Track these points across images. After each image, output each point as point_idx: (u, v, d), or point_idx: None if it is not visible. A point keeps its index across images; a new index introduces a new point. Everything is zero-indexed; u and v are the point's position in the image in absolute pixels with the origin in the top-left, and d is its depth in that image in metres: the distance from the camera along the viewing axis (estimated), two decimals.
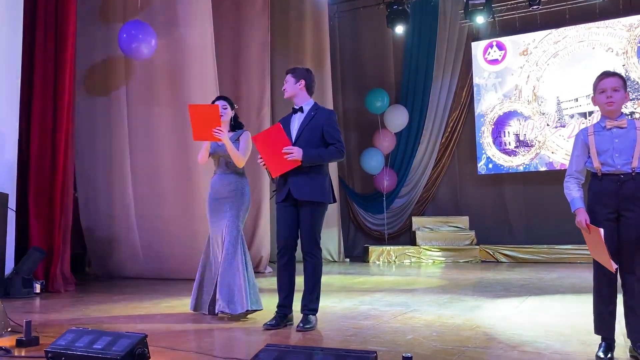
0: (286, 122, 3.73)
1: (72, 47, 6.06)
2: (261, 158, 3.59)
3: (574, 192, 2.77)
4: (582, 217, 2.66)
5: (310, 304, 3.61)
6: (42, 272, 5.75)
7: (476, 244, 9.25)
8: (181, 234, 6.66)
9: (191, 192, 6.59)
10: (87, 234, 7.28)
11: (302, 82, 3.73)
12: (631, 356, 2.69)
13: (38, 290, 5.49)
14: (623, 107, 2.81)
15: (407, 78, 10.38)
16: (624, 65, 8.91)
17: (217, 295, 3.95)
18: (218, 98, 4.33)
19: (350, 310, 4.36)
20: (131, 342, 2.37)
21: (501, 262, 8.90)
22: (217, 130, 3.92)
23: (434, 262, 9.12)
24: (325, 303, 4.47)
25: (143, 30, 6.24)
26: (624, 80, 2.76)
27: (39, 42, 6.07)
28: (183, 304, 4.65)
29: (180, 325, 3.76)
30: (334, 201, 3.73)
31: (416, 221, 9.81)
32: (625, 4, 9.05)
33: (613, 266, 2.53)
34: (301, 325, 3.54)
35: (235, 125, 4.30)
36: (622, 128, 2.69)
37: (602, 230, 2.49)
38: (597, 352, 2.70)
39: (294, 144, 3.56)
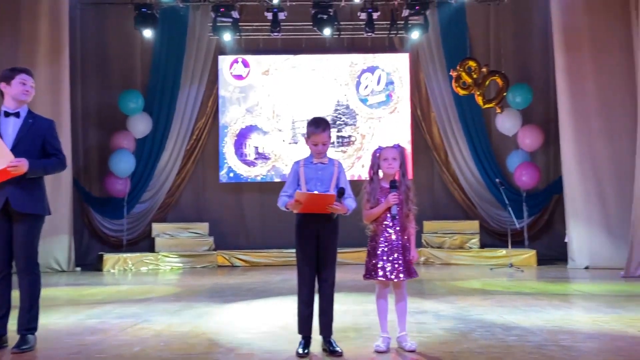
0: None
1: None
2: None
3: (283, 199, 3.37)
4: (291, 200, 3.26)
5: (29, 323, 3.44)
6: None
7: (214, 250, 9.65)
8: None
9: None
10: None
11: None
12: (323, 349, 3.31)
13: None
14: (350, 131, 3.54)
15: (155, 83, 10.25)
16: (345, 95, 10.36)
17: None
18: None
19: (76, 325, 4.21)
20: None
21: (236, 266, 9.47)
22: None
23: (172, 268, 9.20)
24: (48, 320, 4.22)
25: None
26: (329, 128, 3.45)
27: None
28: None
29: None
30: (50, 213, 3.61)
31: (156, 227, 9.77)
32: (349, 43, 10.58)
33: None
34: (17, 346, 3.32)
35: None
36: (324, 164, 3.42)
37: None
38: (297, 348, 3.24)
39: (10, 150, 3.33)
